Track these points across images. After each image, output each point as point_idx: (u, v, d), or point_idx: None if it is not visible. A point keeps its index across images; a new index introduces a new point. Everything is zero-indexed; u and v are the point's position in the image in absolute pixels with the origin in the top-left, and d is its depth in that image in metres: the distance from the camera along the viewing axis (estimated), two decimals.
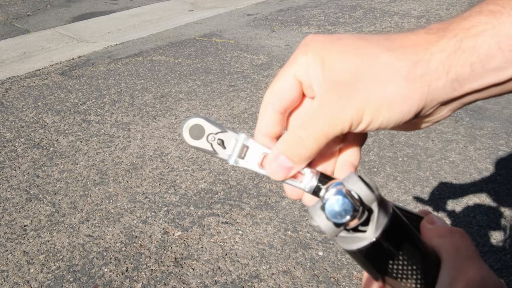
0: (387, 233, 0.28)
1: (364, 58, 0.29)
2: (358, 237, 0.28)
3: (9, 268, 1.75)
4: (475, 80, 0.28)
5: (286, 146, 0.31)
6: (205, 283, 1.68)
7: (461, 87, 0.28)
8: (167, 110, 3.03)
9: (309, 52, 0.31)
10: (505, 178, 2.29)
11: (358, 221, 0.27)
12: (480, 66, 0.27)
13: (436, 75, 0.28)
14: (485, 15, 0.27)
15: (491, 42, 0.27)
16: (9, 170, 2.39)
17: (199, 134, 0.32)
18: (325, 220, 0.27)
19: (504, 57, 0.27)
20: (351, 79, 0.29)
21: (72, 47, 4.34)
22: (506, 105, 3.05)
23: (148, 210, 2.07)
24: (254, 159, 0.33)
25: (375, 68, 0.29)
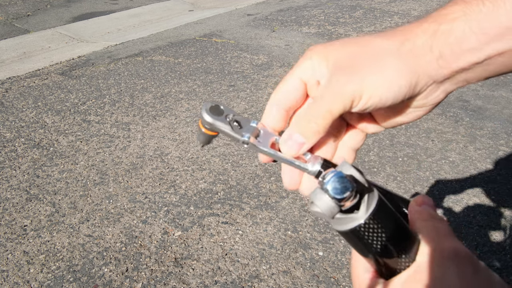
0: (376, 214, 0.31)
1: (359, 44, 0.34)
2: (351, 217, 0.31)
3: (9, 268, 1.75)
4: (457, 59, 0.32)
5: (298, 125, 0.35)
6: (205, 283, 1.68)
7: (447, 65, 0.32)
8: (167, 110, 3.03)
9: (313, 56, 0.35)
10: (505, 178, 2.28)
11: (352, 202, 0.31)
12: (458, 47, 0.31)
13: (423, 51, 0.32)
14: (458, 4, 0.32)
15: (465, 26, 0.31)
16: (9, 170, 2.39)
17: (218, 113, 0.35)
18: (325, 201, 0.30)
19: (477, 39, 0.31)
20: (350, 62, 0.33)
21: (72, 47, 4.34)
22: (506, 105, 3.05)
23: (148, 210, 2.07)
24: (266, 141, 0.36)
25: (369, 49, 0.33)
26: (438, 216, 0.34)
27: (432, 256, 0.31)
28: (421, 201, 0.36)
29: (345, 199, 0.30)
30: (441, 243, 0.32)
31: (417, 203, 0.36)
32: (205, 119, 0.35)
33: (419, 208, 0.35)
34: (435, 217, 0.34)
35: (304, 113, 0.35)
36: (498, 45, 0.30)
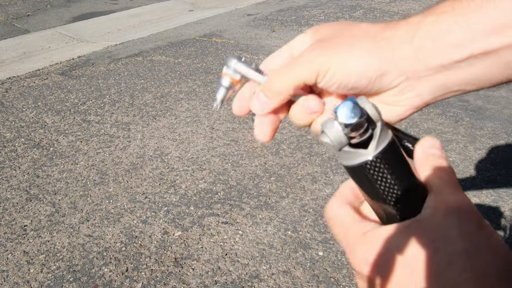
0: (385, 154, 0.30)
1: (348, 26, 0.35)
2: (360, 153, 0.30)
3: (9, 268, 1.75)
4: (437, 54, 0.31)
5: (264, 86, 0.36)
6: (205, 283, 1.68)
7: (425, 59, 0.31)
8: (167, 110, 3.03)
9: (307, 32, 0.37)
10: (505, 178, 2.29)
11: (362, 136, 0.30)
12: (441, 40, 0.30)
13: (401, 41, 0.32)
14: (448, 0, 0.31)
15: (451, 21, 0.30)
16: (9, 170, 2.39)
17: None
18: (335, 128, 0.30)
19: (463, 34, 0.30)
20: (330, 38, 0.34)
21: (72, 47, 4.34)
22: (506, 105, 3.05)
23: (148, 210, 2.07)
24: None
25: (352, 30, 0.34)
26: (444, 164, 0.33)
27: (435, 209, 0.30)
28: (428, 144, 0.34)
29: (354, 128, 0.29)
30: (445, 195, 0.30)
31: (423, 147, 0.34)
32: (231, 60, 0.37)
33: (426, 152, 0.34)
34: (441, 165, 0.32)
35: (272, 74, 0.36)
36: (484, 43, 0.29)
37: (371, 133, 0.30)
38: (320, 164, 2.42)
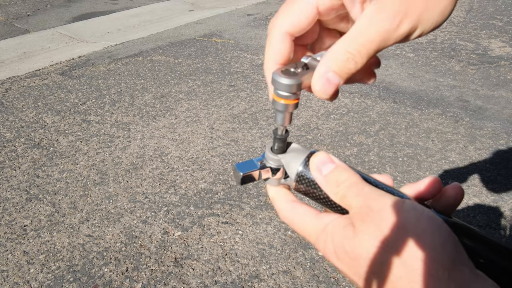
0: (298, 182, 0.38)
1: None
2: (290, 182, 0.39)
3: (9, 268, 1.75)
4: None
5: (335, 62, 0.31)
6: (205, 283, 1.68)
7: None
8: (167, 110, 3.03)
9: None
10: (505, 178, 2.28)
11: (273, 175, 0.39)
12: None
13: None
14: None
15: None
16: (9, 170, 2.39)
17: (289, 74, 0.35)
18: (270, 181, 0.40)
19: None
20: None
21: (72, 47, 4.34)
22: (506, 105, 3.05)
23: (148, 210, 2.07)
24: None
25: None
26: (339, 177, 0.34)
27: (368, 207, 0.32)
28: (314, 167, 0.36)
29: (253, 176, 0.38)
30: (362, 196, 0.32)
31: (318, 169, 0.35)
32: (279, 81, 0.33)
33: (317, 178, 0.35)
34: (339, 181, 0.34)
35: (343, 47, 0.31)
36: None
37: (285, 173, 0.38)
38: None
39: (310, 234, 0.36)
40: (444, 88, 3.34)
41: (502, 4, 5.73)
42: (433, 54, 4.03)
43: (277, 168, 0.38)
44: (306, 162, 0.37)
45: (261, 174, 0.39)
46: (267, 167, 0.38)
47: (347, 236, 0.32)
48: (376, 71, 0.39)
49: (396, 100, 3.15)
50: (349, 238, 0.31)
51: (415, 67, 3.75)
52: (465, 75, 3.57)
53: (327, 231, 0.34)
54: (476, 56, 3.96)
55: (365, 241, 0.30)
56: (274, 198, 0.39)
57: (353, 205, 0.32)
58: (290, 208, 0.38)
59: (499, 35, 4.51)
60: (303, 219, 0.36)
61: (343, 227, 0.33)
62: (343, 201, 0.33)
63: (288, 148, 0.39)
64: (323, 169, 0.35)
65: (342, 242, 0.32)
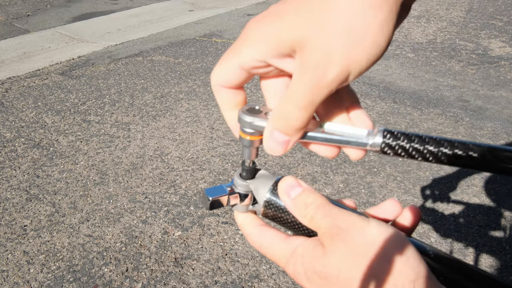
0: (267, 207, 0.38)
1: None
2: (258, 208, 0.39)
3: (9, 268, 1.75)
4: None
5: (278, 122, 0.32)
6: (205, 283, 1.68)
7: None
8: (167, 110, 3.03)
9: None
10: (505, 178, 2.28)
11: (241, 201, 0.40)
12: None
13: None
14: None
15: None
16: (9, 170, 2.39)
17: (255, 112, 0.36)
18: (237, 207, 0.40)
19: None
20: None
21: (72, 47, 4.34)
22: (506, 105, 3.05)
23: (148, 210, 2.07)
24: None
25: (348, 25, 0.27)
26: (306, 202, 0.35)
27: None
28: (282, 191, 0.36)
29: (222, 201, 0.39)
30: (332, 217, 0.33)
31: (286, 193, 0.36)
32: (244, 119, 0.34)
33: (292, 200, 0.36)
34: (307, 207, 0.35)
35: (282, 106, 0.31)
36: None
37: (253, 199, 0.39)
38: (320, 164, 2.42)
39: (279, 258, 0.36)
40: (444, 88, 3.34)
41: (502, 4, 5.73)
42: (433, 54, 4.03)
43: (245, 194, 0.39)
44: (274, 187, 0.38)
45: (230, 200, 0.39)
46: (235, 193, 0.39)
47: (317, 256, 0.33)
48: (376, 71, 0.38)
49: (396, 100, 3.15)
50: (319, 257, 0.32)
51: (415, 67, 3.75)
52: (465, 75, 3.57)
53: (296, 253, 0.34)
54: (476, 56, 3.96)
55: (334, 258, 0.31)
56: (242, 224, 0.40)
57: (321, 226, 0.33)
58: (259, 233, 0.38)
59: (499, 35, 4.51)
60: (272, 244, 0.37)
61: (313, 247, 0.33)
62: (311, 222, 0.34)
63: (257, 174, 0.40)
64: (291, 193, 0.36)
65: (312, 262, 0.33)
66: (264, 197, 0.38)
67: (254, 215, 0.41)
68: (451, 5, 5.75)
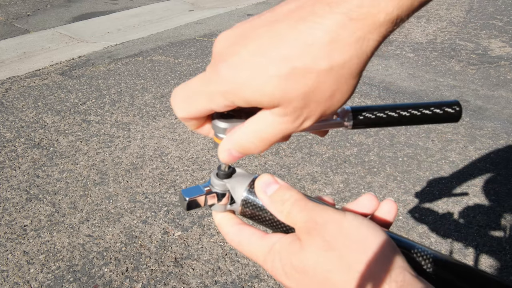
0: (244, 206, 0.38)
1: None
2: (235, 207, 0.40)
3: (9, 268, 1.75)
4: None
5: (238, 145, 0.33)
6: (205, 283, 1.68)
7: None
8: (167, 110, 3.03)
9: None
10: (505, 178, 2.29)
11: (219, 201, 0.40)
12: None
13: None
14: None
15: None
16: (9, 170, 2.39)
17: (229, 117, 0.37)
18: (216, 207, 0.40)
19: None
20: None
21: (72, 47, 4.34)
22: (506, 105, 3.05)
23: (148, 210, 2.07)
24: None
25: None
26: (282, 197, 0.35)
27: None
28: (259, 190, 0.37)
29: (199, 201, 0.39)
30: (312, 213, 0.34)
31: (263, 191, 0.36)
32: (218, 126, 0.35)
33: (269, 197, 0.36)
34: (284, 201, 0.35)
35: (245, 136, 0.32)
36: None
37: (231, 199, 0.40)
38: (320, 164, 2.42)
39: (257, 256, 0.36)
40: (444, 88, 3.34)
41: (502, 4, 5.72)
42: (433, 54, 4.03)
43: (223, 194, 0.39)
44: (252, 185, 0.38)
45: (207, 200, 0.39)
46: (213, 193, 0.39)
47: (294, 251, 0.33)
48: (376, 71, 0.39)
49: (396, 100, 3.15)
50: (296, 252, 0.33)
51: (415, 67, 3.75)
52: (465, 75, 3.57)
53: (274, 250, 0.35)
54: (476, 56, 3.96)
55: (311, 253, 0.32)
56: (220, 223, 0.40)
57: (298, 221, 0.33)
58: (236, 231, 0.39)
59: (499, 35, 4.51)
60: (250, 241, 0.37)
61: (289, 243, 0.34)
62: (288, 218, 0.34)
63: (234, 174, 0.40)
64: (267, 190, 0.36)
65: (289, 257, 0.33)
66: (241, 195, 0.38)
67: (232, 214, 0.41)
68: (451, 5, 5.75)
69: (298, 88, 0.27)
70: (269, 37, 0.27)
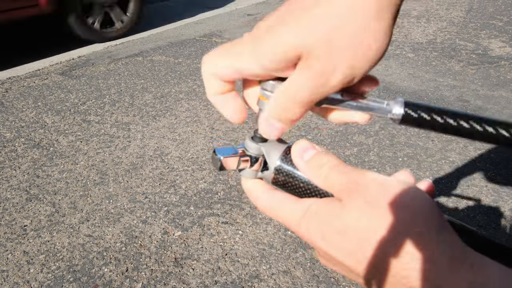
0: (277, 173, 0.37)
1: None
2: (267, 174, 0.38)
3: (9, 268, 1.75)
4: None
5: (276, 112, 0.33)
6: (205, 283, 1.68)
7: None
8: (167, 110, 3.03)
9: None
10: (505, 178, 2.29)
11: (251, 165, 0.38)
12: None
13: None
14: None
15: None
16: (9, 170, 2.39)
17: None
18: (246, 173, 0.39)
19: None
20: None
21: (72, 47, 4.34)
22: (506, 105, 3.05)
23: (148, 210, 2.07)
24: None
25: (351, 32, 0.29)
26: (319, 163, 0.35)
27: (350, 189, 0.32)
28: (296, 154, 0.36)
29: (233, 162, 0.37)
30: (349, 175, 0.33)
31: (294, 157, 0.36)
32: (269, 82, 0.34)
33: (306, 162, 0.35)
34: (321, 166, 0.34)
35: (279, 100, 0.32)
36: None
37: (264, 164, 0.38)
38: None
39: (290, 220, 0.35)
40: (444, 88, 3.34)
41: (502, 4, 5.73)
42: (433, 54, 4.03)
43: (256, 158, 0.38)
44: (287, 151, 0.37)
45: (240, 162, 0.38)
46: (247, 156, 0.38)
47: (334, 210, 0.32)
48: (376, 71, 0.40)
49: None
50: (336, 211, 0.32)
51: (415, 67, 3.75)
52: (465, 75, 3.57)
53: (310, 211, 0.33)
54: (476, 56, 3.96)
55: (353, 211, 0.31)
56: (250, 189, 0.39)
57: (337, 183, 0.33)
58: (269, 196, 0.37)
59: (499, 35, 4.51)
60: (282, 205, 0.36)
61: (329, 202, 0.33)
62: (326, 181, 0.34)
63: (268, 140, 0.38)
64: (304, 155, 0.35)
65: (328, 218, 0.32)
66: (275, 161, 0.37)
67: (263, 181, 0.39)
68: (451, 5, 5.75)
69: (318, 30, 0.27)
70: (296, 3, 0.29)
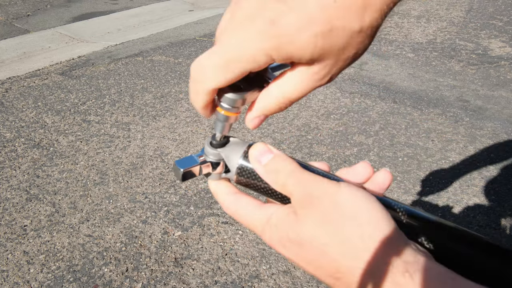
0: (239, 174, 0.38)
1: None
2: (230, 175, 0.39)
3: (9, 268, 1.75)
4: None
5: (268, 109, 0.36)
6: (205, 283, 1.68)
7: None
8: (167, 110, 3.03)
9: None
10: (505, 178, 2.29)
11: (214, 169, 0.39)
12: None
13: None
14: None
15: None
16: (9, 170, 2.39)
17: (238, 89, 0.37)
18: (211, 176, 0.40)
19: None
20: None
21: (72, 47, 4.34)
22: (506, 105, 3.05)
23: (148, 210, 2.07)
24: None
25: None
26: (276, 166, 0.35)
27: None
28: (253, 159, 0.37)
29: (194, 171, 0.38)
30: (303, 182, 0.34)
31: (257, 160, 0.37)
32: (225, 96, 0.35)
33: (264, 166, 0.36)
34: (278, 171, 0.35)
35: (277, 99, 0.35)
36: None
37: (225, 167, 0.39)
38: None
39: (255, 226, 0.36)
40: (444, 88, 3.34)
41: (502, 4, 5.73)
42: (433, 54, 4.03)
43: (217, 162, 0.39)
44: (246, 154, 0.38)
45: (202, 169, 0.39)
46: (207, 162, 0.39)
47: (290, 224, 0.33)
48: (376, 71, 0.41)
49: (396, 100, 3.15)
50: (292, 226, 0.33)
51: (415, 67, 3.75)
52: (465, 75, 3.57)
53: (271, 222, 0.35)
54: (476, 56, 3.96)
55: (307, 225, 0.32)
56: (216, 192, 0.40)
57: (294, 193, 0.34)
58: (233, 200, 0.38)
59: (499, 35, 4.51)
60: (247, 211, 0.37)
61: (286, 215, 0.34)
62: (284, 189, 0.35)
63: (227, 143, 0.39)
64: (262, 159, 0.36)
65: (286, 231, 0.33)
66: (236, 164, 0.38)
67: (228, 182, 0.40)
68: (451, 5, 5.75)
69: (335, 45, 0.30)
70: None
